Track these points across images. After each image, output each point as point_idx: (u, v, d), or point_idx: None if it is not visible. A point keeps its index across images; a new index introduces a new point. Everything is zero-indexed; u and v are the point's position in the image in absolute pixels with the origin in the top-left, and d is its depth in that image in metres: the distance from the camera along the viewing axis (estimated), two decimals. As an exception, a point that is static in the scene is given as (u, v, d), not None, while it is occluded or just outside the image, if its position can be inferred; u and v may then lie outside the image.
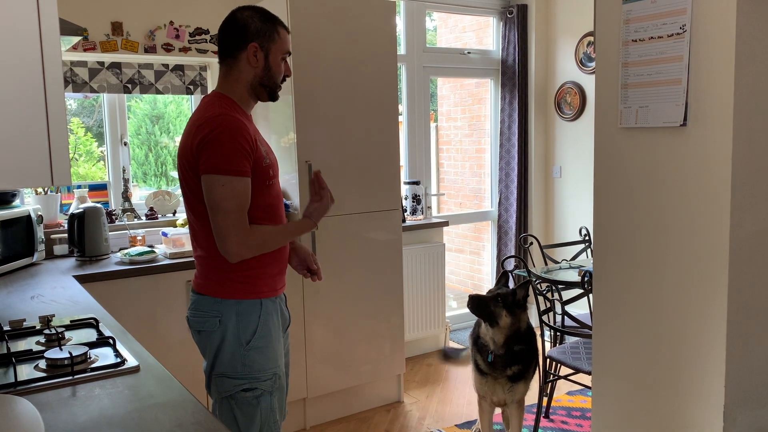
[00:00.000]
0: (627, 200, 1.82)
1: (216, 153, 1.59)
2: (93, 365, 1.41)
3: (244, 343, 1.70)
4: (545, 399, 3.14)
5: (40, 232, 2.75)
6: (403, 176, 4.15)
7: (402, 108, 4.14)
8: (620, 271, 1.87)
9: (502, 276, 2.60)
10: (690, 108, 1.60)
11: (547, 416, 3.15)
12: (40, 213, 2.78)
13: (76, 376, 1.35)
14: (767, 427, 1.65)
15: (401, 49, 4.10)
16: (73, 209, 2.90)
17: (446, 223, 4.08)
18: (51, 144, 1.23)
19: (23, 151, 1.24)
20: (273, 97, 1.78)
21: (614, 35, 1.76)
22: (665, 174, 1.70)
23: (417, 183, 4.05)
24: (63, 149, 1.24)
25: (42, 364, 1.41)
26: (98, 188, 3.25)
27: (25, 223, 2.65)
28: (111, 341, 1.55)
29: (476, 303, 2.47)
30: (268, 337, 1.74)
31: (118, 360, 1.43)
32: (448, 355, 2.32)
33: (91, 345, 1.53)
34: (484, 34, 4.88)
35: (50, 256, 2.89)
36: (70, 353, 1.40)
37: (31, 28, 1.23)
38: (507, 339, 2.44)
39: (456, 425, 3.08)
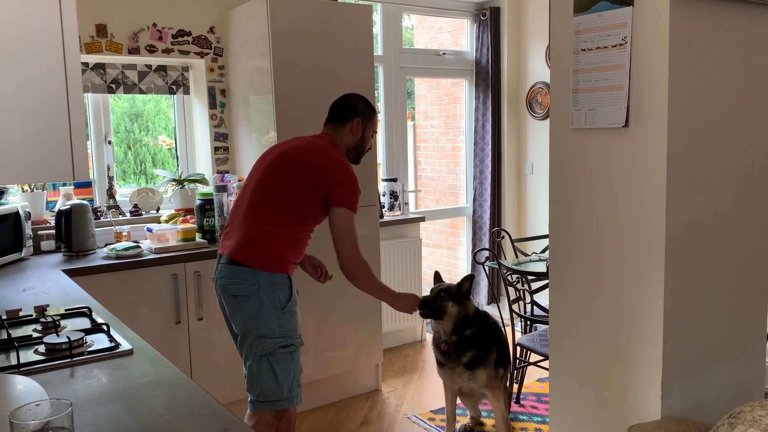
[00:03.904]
0: (577, 195, 1.99)
1: (352, 194, 2.17)
2: (90, 349, 1.51)
3: (280, 308, 2.12)
4: (516, 385, 3.31)
5: (28, 229, 2.82)
6: (381, 173, 4.28)
7: (380, 107, 4.26)
8: (572, 259, 2.03)
9: (437, 277, 2.76)
10: (631, 111, 1.77)
11: (517, 401, 3.30)
12: (27, 210, 2.86)
13: (74, 359, 1.46)
14: (700, 396, 1.83)
15: (378, 50, 4.21)
16: (59, 206, 2.97)
17: (423, 219, 4.21)
18: (72, 143, 1.36)
19: (49, 149, 1.38)
20: (357, 161, 2.37)
21: (567, 44, 1.92)
22: (610, 170, 1.87)
23: (394, 180, 4.17)
24: (82, 148, 1.38)
25: (41, 348, 1.51)
26: (83, 186, 3.33)
27: (14, 219, 2.73)
28: (105, 327, 1.66)
29: (428, 306, 2.52)
30: (295, 303, 2.19)
31: (113, 344, 1.54)
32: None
33: (86, 331, 1.62)
34: (459, 35, 5.01)
35: (37, 252, 2.96)
36: (68, 338, 1.51)
37: (55, 42, 1.37)
38: (455, 326, 2.59)
39: (431, 411, 3.23)
